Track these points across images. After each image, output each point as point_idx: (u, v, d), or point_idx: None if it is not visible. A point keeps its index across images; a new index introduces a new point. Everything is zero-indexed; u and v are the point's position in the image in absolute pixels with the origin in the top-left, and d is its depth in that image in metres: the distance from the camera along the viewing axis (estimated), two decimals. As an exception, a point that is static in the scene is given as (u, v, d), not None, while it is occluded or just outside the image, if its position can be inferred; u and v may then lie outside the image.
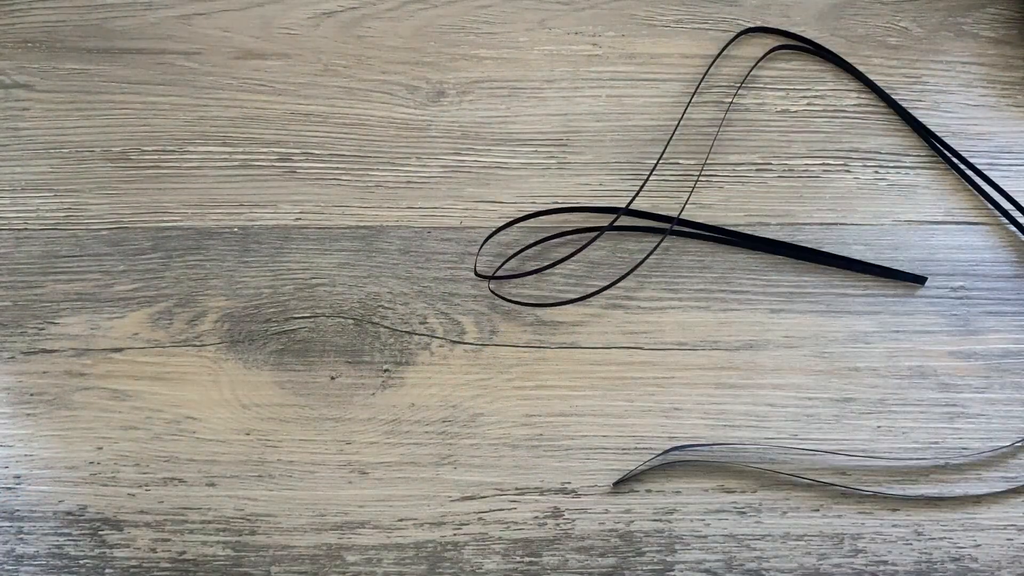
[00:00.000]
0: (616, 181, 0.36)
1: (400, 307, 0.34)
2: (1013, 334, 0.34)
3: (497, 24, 0.40)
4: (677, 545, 0.30)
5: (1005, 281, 0.35)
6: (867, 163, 0.37)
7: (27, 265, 0.35)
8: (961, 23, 0.40)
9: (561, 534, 0.30)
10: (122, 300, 0.34)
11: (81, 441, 0.32)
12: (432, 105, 0.38)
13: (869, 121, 0.38)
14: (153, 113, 0.38)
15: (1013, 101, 0.38)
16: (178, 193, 0.36)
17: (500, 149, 0.37)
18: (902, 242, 0.35)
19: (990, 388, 0.33)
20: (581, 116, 0.38)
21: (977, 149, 0.37)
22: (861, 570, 0.30)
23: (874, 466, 0.31)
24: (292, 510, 0.31)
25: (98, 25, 0.40)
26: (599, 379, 0.33)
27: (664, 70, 0.39)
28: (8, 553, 0.30)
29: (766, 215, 0.36)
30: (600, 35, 0.40)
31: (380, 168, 0.37)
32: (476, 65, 0.39)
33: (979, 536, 0.30)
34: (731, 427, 0.32)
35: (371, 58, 0.39)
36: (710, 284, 0.35)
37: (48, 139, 0.38)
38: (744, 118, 0.38)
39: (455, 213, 0.36)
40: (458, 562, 0.30)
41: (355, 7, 0.40)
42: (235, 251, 0.35)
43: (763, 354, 0.33)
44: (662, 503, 0.31)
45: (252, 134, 0.37)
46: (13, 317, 0.34)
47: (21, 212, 0.36)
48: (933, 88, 0.39)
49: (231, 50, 0.39)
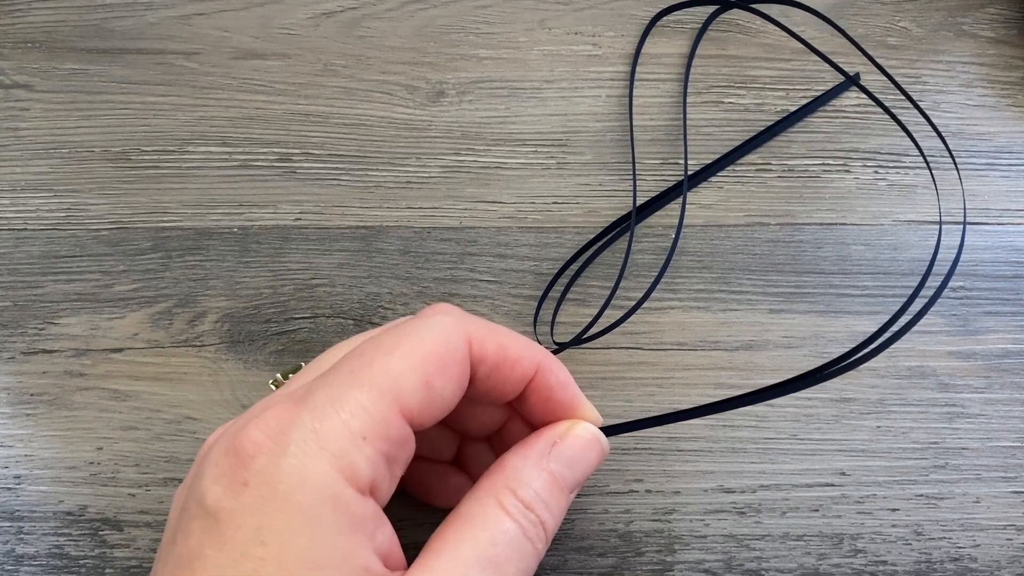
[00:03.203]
0: (616, 181, 0.36)
1: (400, 307, 0.34)
2: (1013, 334, 0.34)
3: (497, 24, 0.40)
4: (677, 545, 0.30)
5: (1005, 281, 0.35)
6: (867, 163, 0.37)
7: (27, 265, 0.35)
8: (961, 23, 0.40)
9: (561, 534, 0.30)
10: (122, 300, 0.34)
11: (81, 441, 0.32)
12: (432, 105, 0.38)
13: (869, 121, 0.38)
14: (153, 113, 0.38)
15: (1013, 101, 0.38)
16: (178, 193, 0.36)
17: (500, 149, 0.37)
18: (902, 242, 0.35)
19: (990, 388, 0.33)
20: (581, 116, 0.38)
21: (977, 149, 0.37)
22: (861, 570, 0.30)
23: (874, 466, 0.31)
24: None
25: (98, 25, 0.40)
26: (598, 379, 0.33)
27: (664, 70, 0.39)
28: (8, 553, 0.30)
29: (766, 215, 0.36)
30: (600, 35, 0.40)
31: (380, 168, 0.37)
32: (476, 65, 0.39)
33: (978, 536, 0.30)
34: (731, 427, 0.32)
35: (371, 58, 0.39)
36: (710, 284, 0.35)
37: (48, 139, 0.38)
38: (744, 118, 0.38)
39: (455, 213, 0.36)
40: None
41: (355, 7, 0.40)
42: (235, 251, 0.35)
43: (762, 354, 0.33)
44: (662, 503, 0.31)
45: (252, 134, 0.37)
46: (13, 317, 0.34)
47: (21, 212, 0.36)
48: (933, 88, 0.39)
49: (231, 50, 0.39)
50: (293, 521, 0.19)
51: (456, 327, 0.23)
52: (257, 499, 0.19)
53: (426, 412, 0.22)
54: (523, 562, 0.22)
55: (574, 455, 0.24)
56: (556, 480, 0.23)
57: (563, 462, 0.24)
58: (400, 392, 0.21)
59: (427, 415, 0.22)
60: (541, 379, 0.24)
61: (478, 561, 0.21)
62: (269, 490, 0.19)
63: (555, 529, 0.23)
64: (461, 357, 0.22)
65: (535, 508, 0.22)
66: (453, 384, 0.22)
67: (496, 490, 0.22)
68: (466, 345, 0.23)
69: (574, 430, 0.24)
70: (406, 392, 0.21)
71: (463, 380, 0.23)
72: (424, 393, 0.21)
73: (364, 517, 0.20)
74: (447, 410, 0.22)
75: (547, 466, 0.23)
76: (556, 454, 0.23)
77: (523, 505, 0.22)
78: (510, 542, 0.21)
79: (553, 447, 0.24)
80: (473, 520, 0.22)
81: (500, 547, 0.21)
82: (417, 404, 0.21)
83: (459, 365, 0.22)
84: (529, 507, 0.22)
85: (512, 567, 0.21)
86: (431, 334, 0.22)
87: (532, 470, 0.23)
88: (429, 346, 0.22)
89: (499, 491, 0.22)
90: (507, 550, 0.21)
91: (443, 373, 0.22)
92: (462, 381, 0.23)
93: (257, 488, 0.20)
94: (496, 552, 0.21)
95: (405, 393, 0.21)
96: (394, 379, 0.21)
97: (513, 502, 0.22)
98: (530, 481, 0.23)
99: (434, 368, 0.22)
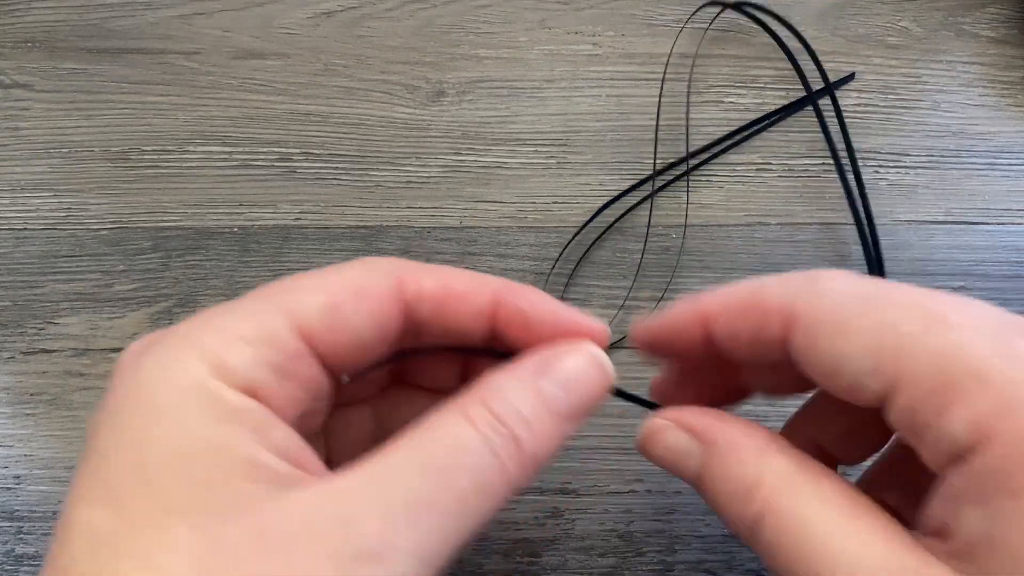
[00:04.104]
0: (616, 181, 0.36)
1: (400, 307, 0.34)
2: (1013, 334, 0.34)
3: (497, 24, 0.40)
4: (677, 545, 0.30)
5: (1006, 281, 0.35)
6: (867, 163, 0.37)
7: (27, 265, 0.35)
8: (961, 23, 0.40)
9: (561, 534, 0.30)
10: (122, 300, 0.34)
11: (81, 441, 0.32)
12: (432, 105, 0.38)
13: (870, 121, 0.38)
14: (153, 113, 0.38)
15: (1013, 101, 0.38)
16: (178, 193, 0.36)
17: (500, 149, 0.37)
18: (902, 242, 0.35)
19: (990, 388, 0.33)
20: (581, 116, 0.38)
21: (977, 149, 0.37)
22: (861, 570, 0.30)
23: (874, 466, 0.31)
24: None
25: (98, 25, 0.40)
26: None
27: (664, 70, 0.39)
28: (8, 553, 0.30)
29: (766, 215, 0.36)
30: (600, 35, 0.40)
31: (380, 168, 0.37)
32: (476, 65, 0.39)
33: (979, 536, 0.30)
34: (731, 427, 0.32)
35: (371, 58, 0.39)
36: (711, 284, 0.35)
37: (48, 139, 0.38)
38: (744, 118, 0.38)
39: (455, 213, 0.36)
40: (458, 562, 0.30)
41: (355, 7, 0.40)
42: (235, 251, 0.35)
43: (763, 354, 0.33)
44: (662, 503, 0.31)
45: (252, 134, 0.37)
46: (13, 317, 0.34)
47: (21, 212, 0.36)
48: (933, 88, 0.39)
49: (231, 50, 0.39)
50: (152, 417, 0.17)
51: (384, 264, 0.21)
52: (118, 405, 0.18)
53: (330, 337, 0.19)
54: (482, 476, 0.18)
55: (570, 376, 0.20)
56: (545, 400, 0.20)
57: (556, 382, 0.20)
58: (297, 307, 0.19)
59: (332, 341, 0.19)
60: (509, 309, 0.21)
61: (423, 468, 0.17)
62: (129, 393, 0.18)
63: (539, 454, 0.19)
64: (383, 291, 0.20)
65: (508, 422, 0.19)
66: (369, 316, 0.20)
67: (466, 403, 0.19)
68: (392, 280, 0.21)
69: (570, 348, 0.21)
70: (304, 308, 0.19)
71: (386, 315, 0.20)
72: (327, 315, 0.19)
73: (242, 409, 0.18)
74: (365, 345, 0.20)
75: (535, 383, 0.20)
76: (548, 372, 0.20)
77: (493, 417, 0.19)
78: (467, 451, 0.18)
79: (545, 365, 0.20)
80: (431, 429, 0.18)
81: (453, 456, 0.18)
82: (318, 323, 0.19)
83: (379, 298, 0.20)
84: (501, 420, 0.19)
85: (467, 479, 0.18)
86: (351, 268, 0.20)
87: (515, 386, 0.20)
88: (345, 275, 0.20)
89: (469, 403, 0.19)
90: (462, 459, 0.18)
91: (356, 300, 0.20)
92: (383, 316, 0.20)
93: (120, 396, 0.18)
94: (447, 461, 0.18)
95: (302, 309, 0.19)
96: (293, 294, 0.19)
97: (482, 413, 0.19)
98: (510, 396, 0.19)
99: (345, 293, 0.20)
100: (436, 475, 0.17)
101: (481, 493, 0.18)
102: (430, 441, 0.18)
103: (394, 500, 0.17)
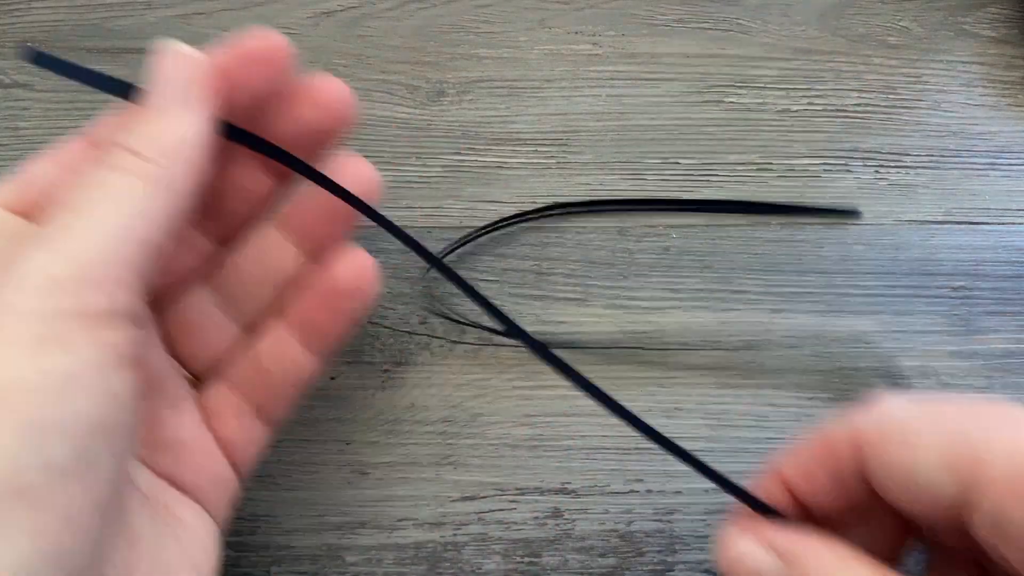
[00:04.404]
0: (616, 181, 0.36)
1: (400, 307, 0.34)
2: (1014, 334, 0.34)
3: (497, 24, 0.40)
4: (678, 545, 0.30)
5: (1006, 281, 0.35)
6: (867, 163, 0.37)
7: (27, 265, 0.35)
8: (962, 23, 0.40)
9: (561, 534, 0.30)
10: (122, 300, 0.34)
11: None
12: (432, 104, 0.38)
13: (870, 121, 0.38)
14: (153, 113, 0.38)
15: (1013, 101, 0.38)
16: (178, 193, 0.36)
17: (500, 149, 0.37)
18: (902, 242, 0.35)
19: (991, 388, 0.33)
20: (581, 116, 0.38)
21: (977, 149, 0.37)
22: (862, 570, 0.30)
23: (875, 466, 0.31)
24: (292, 510, 0.31)
25: (98, 25, 0.40)
26: (600, 379, 0.33)
27: (664, 70, 0.39)
28: (7, 553, 0.30)
29: (767, 214, 0.36)
30: (600, 35, 0.40)
31: (380, 168, 0.37)
32: (476, 65, 0.39)
33: (980, 536, 0.30)
34: (732, 427, 0.32)
35: (371, 58, 0.39)
36: (711, 284, 0.35)
37: (48, 139, 0.37)
38: (744, 118, 0.38)
39: (455, 213, 0.36)
40: (458, 562, 0.30)
41: (355, 6, 0.40)
42: (235, 251, 0.35)
43: (764, 354, 0.33)
44: (662, 503, 0.31)
45: (252, 134, 0.37)
46: (13, 317, 0.34)
47: (21, 212, 0.36)
48: (934, 87, 0.39)
49: (231, 50, 0.39)
50: None
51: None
52: None
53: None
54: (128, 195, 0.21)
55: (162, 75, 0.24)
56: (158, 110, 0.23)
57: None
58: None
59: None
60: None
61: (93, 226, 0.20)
62: None
63: (181, 156, 0.23)
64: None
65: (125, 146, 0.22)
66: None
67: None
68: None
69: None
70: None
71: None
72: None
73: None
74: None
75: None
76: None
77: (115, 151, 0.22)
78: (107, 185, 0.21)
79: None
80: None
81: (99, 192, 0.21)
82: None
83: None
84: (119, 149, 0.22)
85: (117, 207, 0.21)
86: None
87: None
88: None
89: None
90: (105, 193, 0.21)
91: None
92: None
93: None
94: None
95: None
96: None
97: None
98: (127, 138, 0.23)
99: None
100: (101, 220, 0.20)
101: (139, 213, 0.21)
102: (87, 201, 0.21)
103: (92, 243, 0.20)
